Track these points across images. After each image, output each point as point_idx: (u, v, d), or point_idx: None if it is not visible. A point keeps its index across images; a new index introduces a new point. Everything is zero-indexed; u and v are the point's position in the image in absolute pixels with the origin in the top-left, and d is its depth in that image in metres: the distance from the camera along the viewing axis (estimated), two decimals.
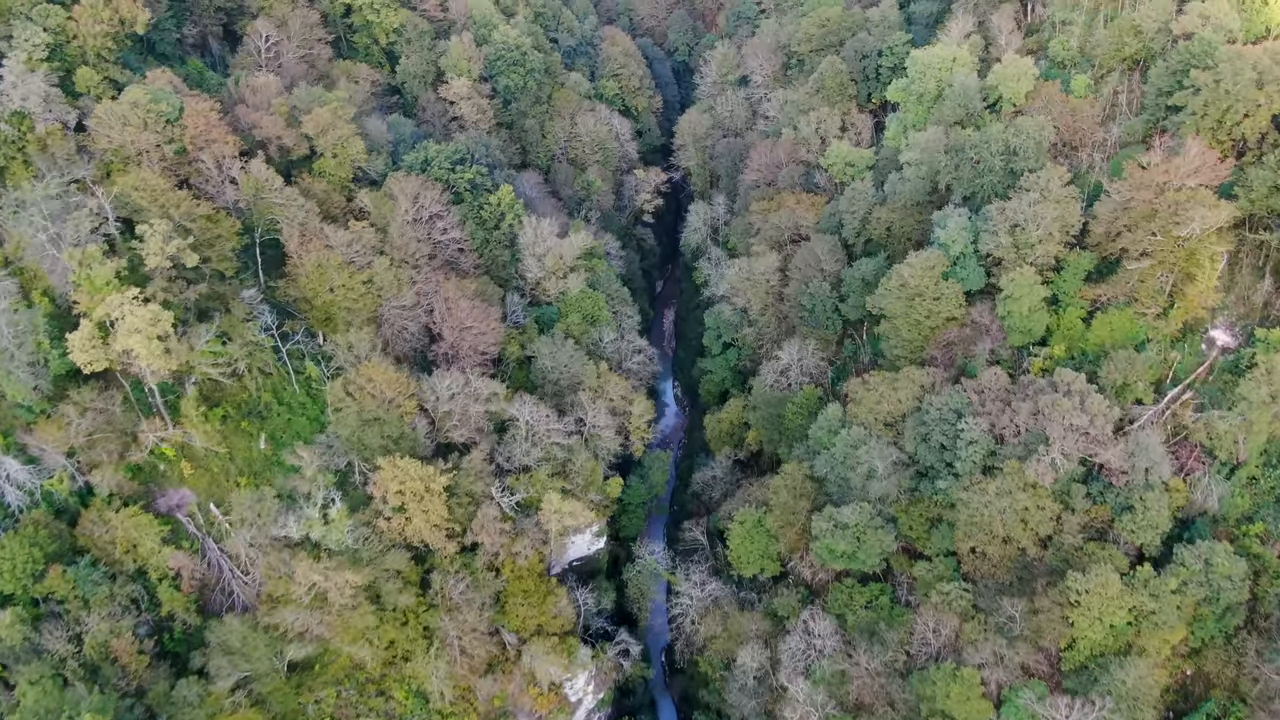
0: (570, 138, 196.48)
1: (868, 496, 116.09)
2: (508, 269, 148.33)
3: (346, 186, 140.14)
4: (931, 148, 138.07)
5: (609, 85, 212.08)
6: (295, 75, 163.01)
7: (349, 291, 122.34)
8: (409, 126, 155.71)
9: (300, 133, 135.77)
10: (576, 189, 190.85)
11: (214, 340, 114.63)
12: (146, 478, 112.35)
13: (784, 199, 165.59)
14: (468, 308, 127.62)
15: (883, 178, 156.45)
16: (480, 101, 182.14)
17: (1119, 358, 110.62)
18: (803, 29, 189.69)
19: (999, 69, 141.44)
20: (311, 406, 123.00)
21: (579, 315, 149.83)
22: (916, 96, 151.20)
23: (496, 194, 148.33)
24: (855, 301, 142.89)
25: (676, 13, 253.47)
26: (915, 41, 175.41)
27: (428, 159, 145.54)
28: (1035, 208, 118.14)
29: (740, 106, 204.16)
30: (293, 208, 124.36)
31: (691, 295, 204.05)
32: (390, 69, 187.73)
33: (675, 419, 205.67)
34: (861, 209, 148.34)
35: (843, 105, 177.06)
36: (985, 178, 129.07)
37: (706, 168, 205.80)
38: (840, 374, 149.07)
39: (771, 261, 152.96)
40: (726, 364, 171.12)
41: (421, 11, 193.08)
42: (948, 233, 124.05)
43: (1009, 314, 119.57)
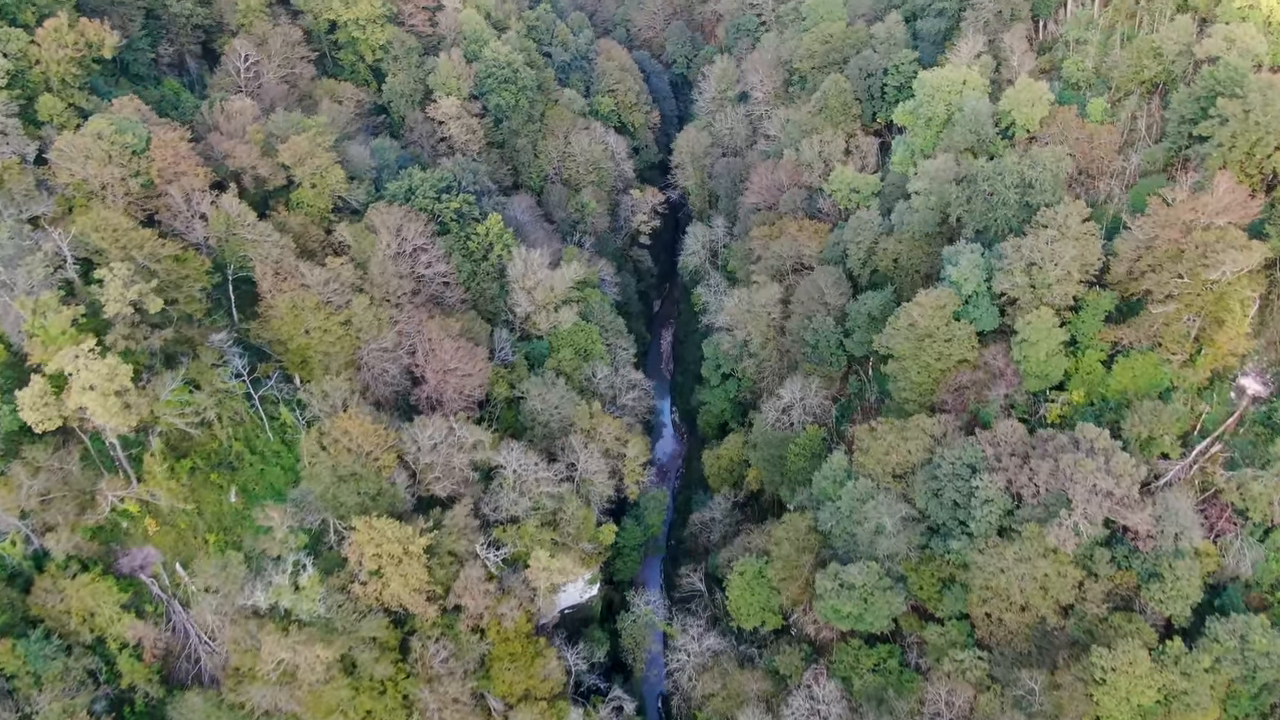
0: (564, 157, 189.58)
1: (875, 554, 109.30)
2: (496, 302, 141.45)
3: (326, 217, 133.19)
4: (941, 177, 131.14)
5: (604, 102, 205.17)
6: (275, 96, 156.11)
7: (325, 334, 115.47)
8: (393, 151, 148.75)
9: (277, 162, 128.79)
10: (570, 211, 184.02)
11: (181, 389, 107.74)
12: (108, 537, 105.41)
13: (785, 225, 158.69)
14: (452, 349, 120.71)
15: (889, 205, 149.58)
16: (470, 121, 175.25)
17: (1144, 409, 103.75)
18: (805, 45, 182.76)
19: (1012, 93, 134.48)
20: (286, 455, 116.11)
21: (571, 350, 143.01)
22: (925, 120, 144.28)
23: (485, 223, 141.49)
24: (861, 338, 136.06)
25: (674, 24, 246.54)
26: (922, 59, 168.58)
27: (412, 187, 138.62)
28: (1053, 246, 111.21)
29: (740, 124, 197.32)
30: (266, 244, 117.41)
31: (690, 316, 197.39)
32: (377, 87, 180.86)
33: (673, 444, 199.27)
34: (867, 239, 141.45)
35: (846, 126, 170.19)
36: (999, 211, 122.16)
37: (705, 187, 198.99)
38: (845, 412, 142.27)
39: (772, 293, 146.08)
40: (725, 395, 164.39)
41: (410, 27, 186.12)
42: (959, 270, 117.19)
43: (1025, 358, 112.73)
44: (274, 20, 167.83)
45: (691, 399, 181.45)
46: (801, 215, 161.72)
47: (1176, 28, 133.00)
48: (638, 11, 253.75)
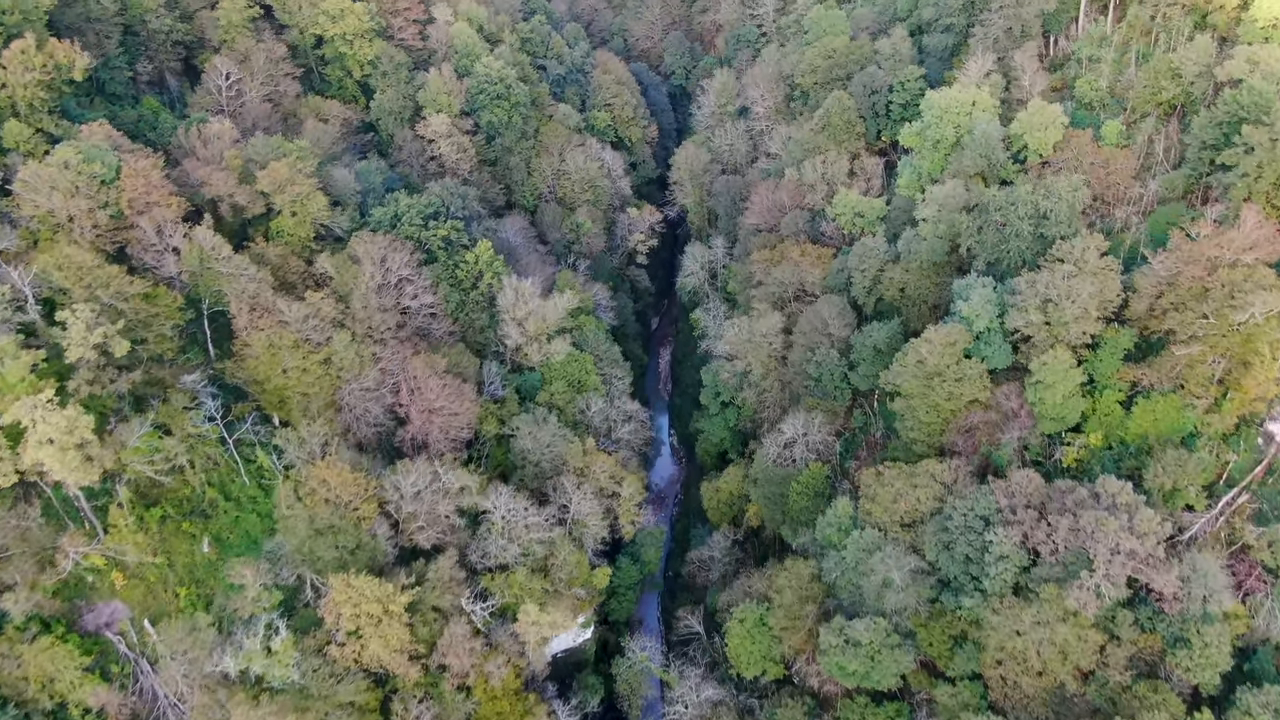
0: (559, 175, 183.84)
1: (883, 608, 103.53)
2: (486, 333, 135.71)
3: (308, 246, 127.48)
4: (950, 204, 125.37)
5: (600, 116, 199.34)
6: (257, 116, 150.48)
7: (304, 374, 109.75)
8: (379, 174, 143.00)
9: (255, 189, 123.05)
10: (565, 232, 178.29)
11: (150, 434, 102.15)
12: (71, 593, 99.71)
13: (787, 249, 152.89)
14: (437, 387, 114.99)
15: (896, 230, 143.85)
16: (460, 139, 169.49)
17: (1167, 459, 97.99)
18: (807, 60, 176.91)
19: (1024, 116, 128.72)
20: (263, 501, 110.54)
21: (564, 382, 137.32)
22: (932, 143, 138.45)
23: (474, 250, 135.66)
24: (866, 371, 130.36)
25: (673, 34, 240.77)
26: (928, 76, 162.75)
27: (397, 214, 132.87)
28: (1070, 282, 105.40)
29: (740, 140, 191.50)
30: (242, 279, 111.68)
31: (689, 335, 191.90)
32: (365, 104, 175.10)
33: (671, 466, 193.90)
34: (872, 267, 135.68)
35: (850, 144, 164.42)
36: (1012, 243, 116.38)
37: (704, 205, 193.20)
38: (849, 447, 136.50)
39: (774, 322, 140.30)
40: (725, 424, 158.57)
41: (399, 41, 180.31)
42: (970, 306, 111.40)
43: (1040, 401, 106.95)
44: (257, 36, 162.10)
45: (690, 423, 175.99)
46: (804, 238, 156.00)
47: (1196, 48, 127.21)
48: (635, 21, 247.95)
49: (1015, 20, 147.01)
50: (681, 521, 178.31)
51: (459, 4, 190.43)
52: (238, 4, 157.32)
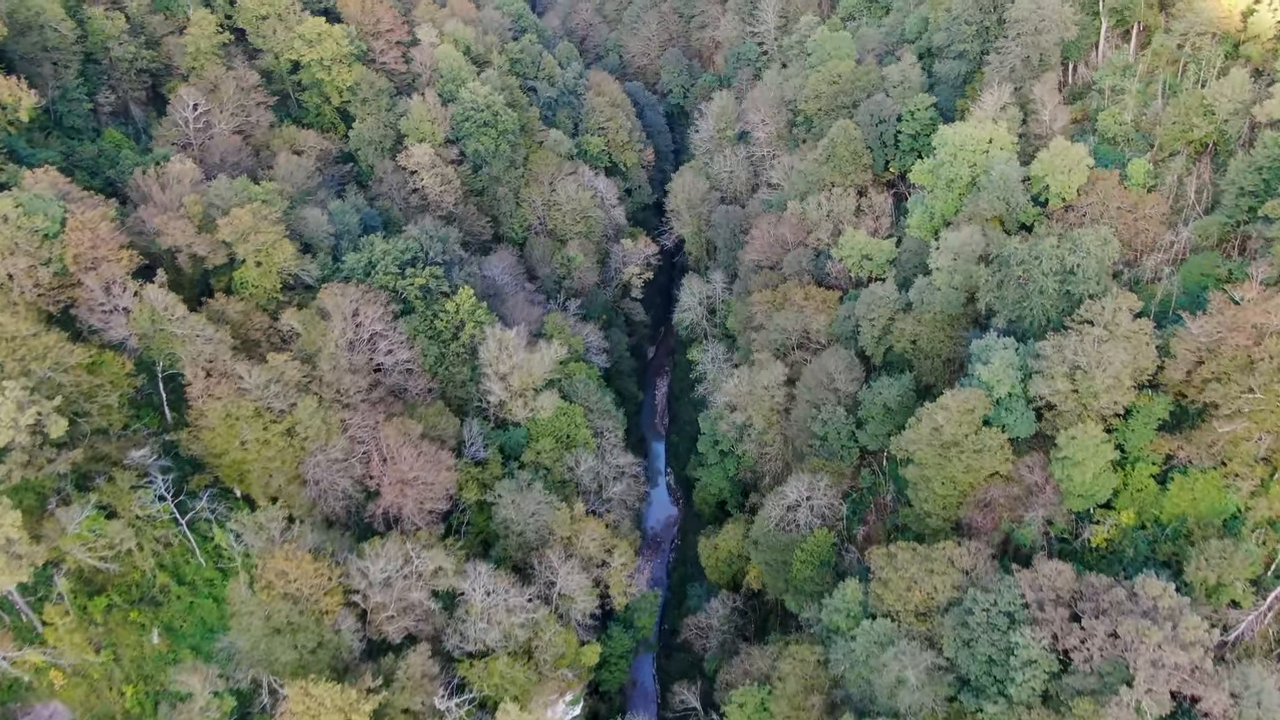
0: (549, 206, 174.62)
1: (896, 706, 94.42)
2: (467, 387, 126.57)
3: (274, 297, 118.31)
4: (966, 253, 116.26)
5: (593, 142, 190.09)
6: (226, 150, 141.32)
7: (264, 447, 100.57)
8: (354, 215, 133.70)
9: (216, 239, 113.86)
10: (555, 266, 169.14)
11: (93, 518, 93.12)
12: (5, 695, 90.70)
13: (790, 291, 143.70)
14: (412, 457, 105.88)
15: (906, 274, 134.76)
16: (445, 170, 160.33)
17: (1211, 550, 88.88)
18: (811, 85, 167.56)
19: (1046, 157, 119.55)
20: (221, 585, 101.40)
21: (552, 439, 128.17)
22: (946, 181, 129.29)
23: (455, 298, 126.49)
24: (875, 430, 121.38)
25: (670, 51, 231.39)
26: (940, 105, 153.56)
27: (372, 261, 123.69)
28: (1100, 348, 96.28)
29: (740, 167, 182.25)
30: (198, 341, 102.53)
31: (686, 367, 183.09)
32: (344, 131, 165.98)
33: (667, 504, 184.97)
34: (882, 317, 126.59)
35: (856, 176, 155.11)
36: (1035, 301, 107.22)
37: (702, 235, 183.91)
38: (856, 508, 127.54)
39: (776, 374, 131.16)
40: (724, 473, 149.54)
41: (380, 65, 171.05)
42: (991, 371, 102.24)
43: (1068, 478, 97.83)
44: (228, 63, 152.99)
45: (688, 463, 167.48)
46: (807, 279, 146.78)
47: (1231, 83, 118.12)
48: (631, 37, 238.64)
49: (1033, 49, 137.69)
50: (679, 570, 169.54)
51: (445, 24, 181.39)
52: (206, 30, 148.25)
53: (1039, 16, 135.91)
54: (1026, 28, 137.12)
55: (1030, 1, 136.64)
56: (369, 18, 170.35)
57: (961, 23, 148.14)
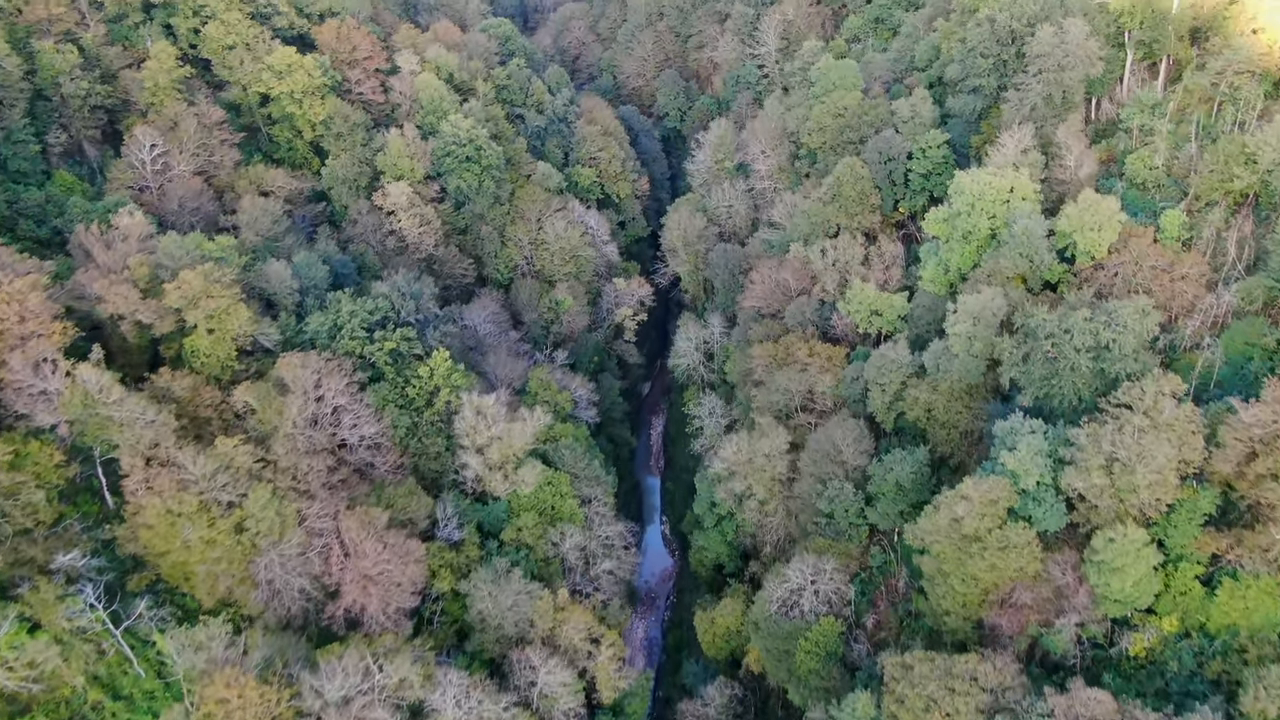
0: (536, 245, 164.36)
1: None
2: (442, 459, 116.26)
3: (229, 366, 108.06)
4: (987, 319, 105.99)
5: (584, 173, 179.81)
6: (186, 195, 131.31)
7: (210, 547, 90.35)
8: (321, 269, 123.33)
9: (164, 304, 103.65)
10: (542, 311, 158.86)
11: (15, 632, 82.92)
12: None
13: (793, 345, 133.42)
14: (376, 550, 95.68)
15: (919, 331, 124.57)
16: (424, 210, 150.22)
17: (1271, 678, 78.61)
18: (814, 118, 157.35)
19: (1073, 213, 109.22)
20: (162, 696, 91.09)
21: (535, 514, 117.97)
22: (962, 234, 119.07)
23: (429, 361, 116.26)
24: (886, 509, 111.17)
25: (666, 73, 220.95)
26: (953, 142, 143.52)
27: (337, 324, 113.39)
28: (1142, 440, 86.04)
29: (740, 201, 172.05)
30: (138, 425, 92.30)
31: (682, 405, 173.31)
32: (317, 168, 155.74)
33: (663, 559, 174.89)
34: (893, 382, 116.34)
35: (863, 218, 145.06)
36: (1065, 379, 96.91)
37: (699, 273, 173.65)
38: (865, 589, 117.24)
39: (778, 441, 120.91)
40: (722, 538, 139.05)
41: (357, 96, 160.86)
42: (1017, 459, 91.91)
43: (1105, 584, 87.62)
44: (190, 98, 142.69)
45: (684, 508, 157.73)
46: (811, 330, 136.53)
47: (1277, 130, 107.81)
48: (626, 57, 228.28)
49: (1055, 86, 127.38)
50: (674, 631, 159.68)
51: (427, 50, 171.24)
52: (165, 64, 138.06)
53: (1062, 52, 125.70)
54: (1048, 64, 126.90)
55: (1052, 35, 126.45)
56: (344, 45, 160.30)
57: (977, 55, 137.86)
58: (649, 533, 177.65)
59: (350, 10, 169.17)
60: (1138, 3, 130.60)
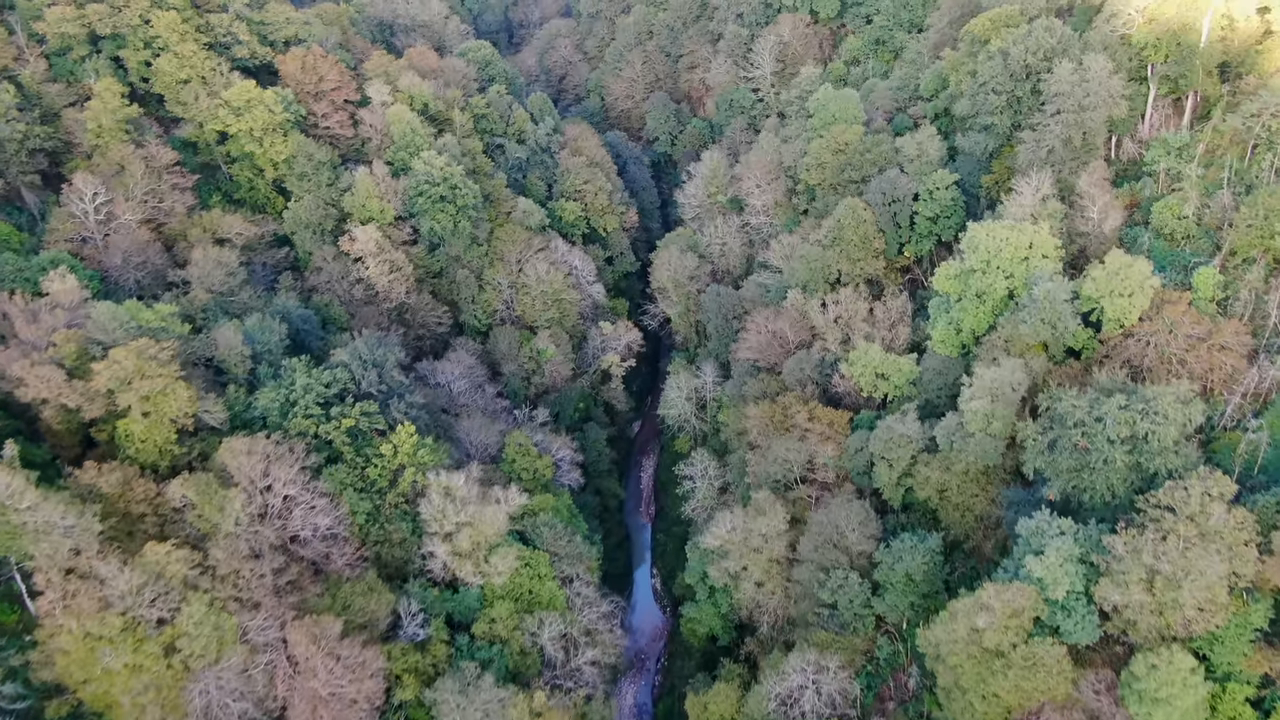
0: (517, 288, 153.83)
1: None
2: (407, 545, 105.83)
3: (168, 450, 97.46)
4: (1007, 395, 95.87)
5: (569, 208, 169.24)
6: (131, 248, 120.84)
7: (135, 674, 79.88)
8: (275, 333, 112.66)
9: (93, 387, 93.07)
10: (523, 361, 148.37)
11: None
12: None
13: (791, 406, 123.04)
14: (327, 666, 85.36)
15: (929, 394, 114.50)
16: (394, 256, 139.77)
17: None
18: (813, 152, 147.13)
19: (1100, 276, 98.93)
20: None
21: (510, 602, 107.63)
22: (977, 293, 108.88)
23: (393, 438, 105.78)
24: (895, 601, 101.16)
25: (656, 95, 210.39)
26: (962, 183, 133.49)
27: (290, 400, 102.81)
28: (1188, 554, 76.01)
29: (734, 238, 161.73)
30: (56, 534, 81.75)
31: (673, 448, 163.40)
32: (281, 208, 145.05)
33: (654, 616, 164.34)
34: (901, 459, 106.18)
35: (866, 263, 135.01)
36: (1098, 474, 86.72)
37: (691, 315, 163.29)
38: (871, 684, 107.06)
39: (777, 522, 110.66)
40: (715, 610, 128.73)
41: (323, 131, 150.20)
42: (1045, 566, 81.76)
43: (1147, 716, 77.52)
44: (138, 139, 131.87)
45: (675, 564, 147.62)
46: (811, 389, 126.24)
47: None
48: (614, 79, 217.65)
49: (1075, 128, 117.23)
50: (665, 700, 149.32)
51: (400, 79, 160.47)
52: (110, 103, 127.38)
53: (1083, 91, 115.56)
54: (1068, 103, 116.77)
55: (1072, 73, 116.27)
56: (310, 76, 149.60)
57: (989, 92, 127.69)
58: (639, 584, 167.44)
59: (317, 38, 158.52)
60: (1163, 35, 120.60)
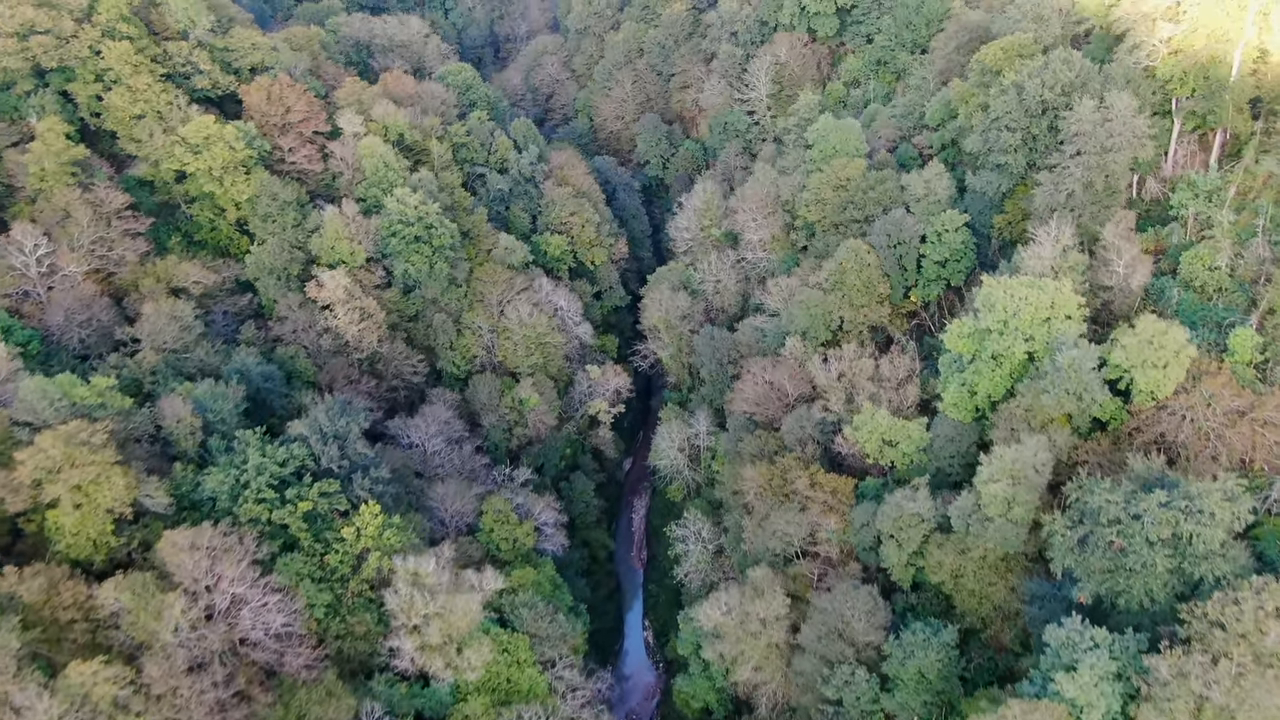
0: (498, 332, 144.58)
1: None
2: (371, 637, 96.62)
3: (104, 543, 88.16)
4: (1029, 478, 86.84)
5: (554, 242, 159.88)
6: (75, 304, 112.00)
7: None
8: (228, 400, 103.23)
9: (15, 477, 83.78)
10: (503, 412, 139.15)
11: None
12: None
13: (790, 470, 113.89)
14: None
15: (940, 462, 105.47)
16: (365, 302, 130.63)
17: None
18: (812, 187, 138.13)
19: (1131, 344, 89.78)
20: None
21: (486, 696, 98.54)
22: (992, 355, 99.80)
23: (355, 519, 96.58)
24: (907, 699, 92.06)
25: (647, 116, 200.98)
26: (973, 225, 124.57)
27: (240, 482, 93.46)
28: (1243, 684, 67.07)
29: (728, 276, 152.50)
30: None
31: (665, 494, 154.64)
32: (245, 249, 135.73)
33: (645, 672, 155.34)
34: (912, 539, 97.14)
35: (871, 310, 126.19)
36: (1136, 580, 77.70)
37: (684, 357, 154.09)
38: None
39: (776, 606, 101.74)
40: (710, 684, 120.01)
41: (290, 166, 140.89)
42: (1078, 685, 72.78)
43: None
44: (86, 182, 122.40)
45: (668, 619, 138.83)
46: (812, 450, 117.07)
47: None
48: (603, 99, 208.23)
49: (1098, 171, 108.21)
50: None
51: (374, 107, 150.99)
52: (53, 145, 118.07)
53: (1106, 132, 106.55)
54: (1089, 144, 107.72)
55: (1094, 111, 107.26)
56: (276, 107, 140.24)
57: (1002, 129, 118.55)
58: (630, 632, 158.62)
59: (285, 65, 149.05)
60: (1190, 69, 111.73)
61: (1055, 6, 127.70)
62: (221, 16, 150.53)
